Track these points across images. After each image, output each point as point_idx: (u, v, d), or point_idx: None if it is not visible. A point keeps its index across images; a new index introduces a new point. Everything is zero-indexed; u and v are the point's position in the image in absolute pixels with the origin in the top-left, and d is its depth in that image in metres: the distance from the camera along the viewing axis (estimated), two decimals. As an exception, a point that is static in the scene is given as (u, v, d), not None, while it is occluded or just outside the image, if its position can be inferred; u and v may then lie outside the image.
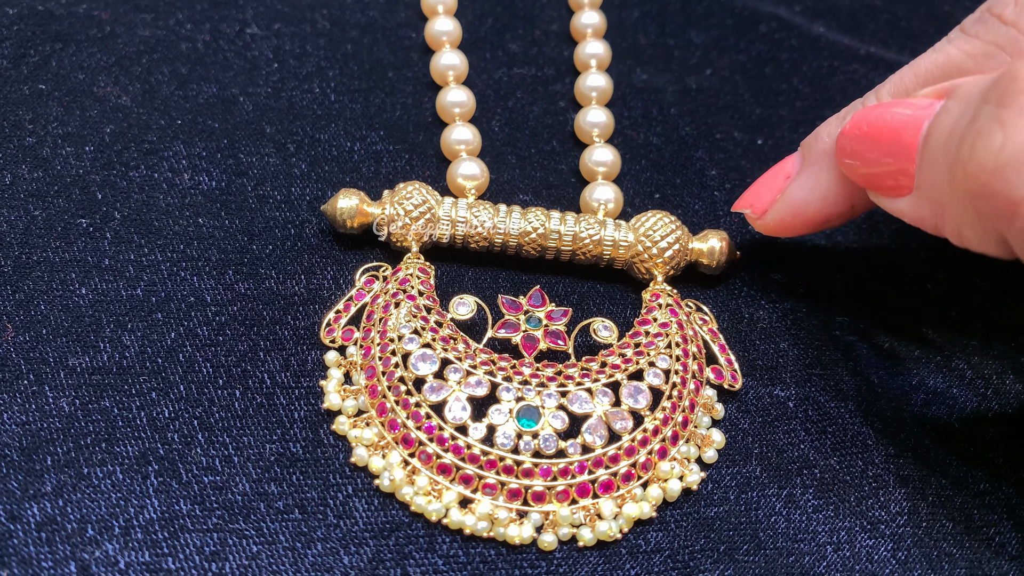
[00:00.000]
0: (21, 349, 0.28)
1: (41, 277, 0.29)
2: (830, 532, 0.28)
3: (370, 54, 0.36)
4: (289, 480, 0.27)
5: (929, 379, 0.31)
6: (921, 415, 0.30)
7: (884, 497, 0.29)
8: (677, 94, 0.37)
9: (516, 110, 0.36)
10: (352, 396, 0.28)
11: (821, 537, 0.28)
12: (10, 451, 0.26)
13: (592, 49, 0.37)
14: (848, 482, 0.29)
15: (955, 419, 0.30)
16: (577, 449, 0.27)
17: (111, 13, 0.35)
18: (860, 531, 0.28)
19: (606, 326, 0.30)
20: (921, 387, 0.31)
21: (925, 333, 0.32)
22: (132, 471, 0.26)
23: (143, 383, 0.28)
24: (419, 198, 0.31)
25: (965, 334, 0.32)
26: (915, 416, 0.30)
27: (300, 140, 0.33)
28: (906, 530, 0.28)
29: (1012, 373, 0.31)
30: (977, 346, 0.32)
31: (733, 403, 0.30)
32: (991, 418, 0.31)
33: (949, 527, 0.28)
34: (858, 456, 0.29)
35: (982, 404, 0.31)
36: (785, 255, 0.33)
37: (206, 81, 0.34)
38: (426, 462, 0.27)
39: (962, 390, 0.31)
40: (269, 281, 0.30)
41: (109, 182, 0.31)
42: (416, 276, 0.30)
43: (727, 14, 0.40)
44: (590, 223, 0.31)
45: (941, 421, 0.30)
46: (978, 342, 0.32)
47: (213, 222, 0.31)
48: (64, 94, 0.33)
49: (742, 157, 0.36)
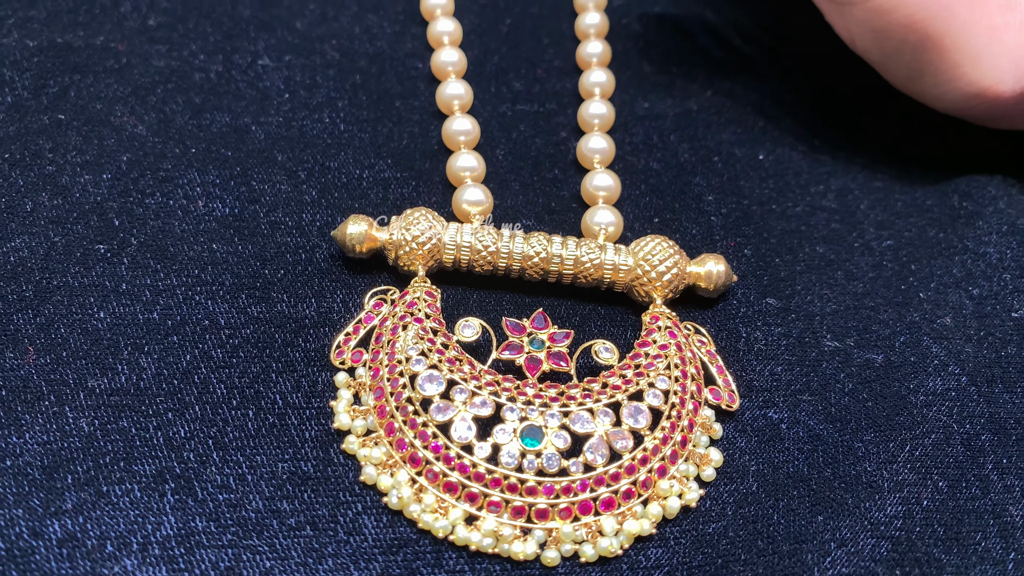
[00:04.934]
0: (42, 371, 0.29)
1: (61, 301, 0.30)
2: (832, 531, 0.29)
3: (378, 84, 0.37)
4: (301, 498, 0.28)
5: (922, 387, 0.32)
6: (913, 423, 0.31)
7: (880, 500, 0.30)
8: (678, 118, 0.38)
9: (519, 141, 0.37)
10: (361, 416, 0.29)
11: (824, 535, 0.29)
12: (32, 470, 0.27)
13: (596, 78, 0.38)
14: (844, 488, 0.30)
15: (947, 427, 0.31)
16: (579, 468, 0.28)
17: (127, 45, 0.36)
18: (862, 530, 0.29)
19: (607, 348, 0.31)
20: (915, 393, 0.32)
21: (919, 343, 0.33)
22: (149, 489, 0.27)
23: (160, 404, 0.29)
24: (425, 223, 0.32)
25: (959, 341, 0.33)
26: (907, 424, 0.31)
27: (311, 168, 0.34)
28: (902, 533, 0.29)
29: (1002, 383, 0.32)
30: (971, 353, 0.33)
31: (730, 423, 0.31)
32: (982, 425, 0.32)
33: (940, 532, 0.29)
34: (851, 467, 0.30)
35: (974, 411, 0.32)
36: (779, 279, 0.34)
37: (219, 111, 0.35)
38: (433, 480, 0.28)
39: (954, 398, 0.32)
40: (281, 305, 0.31)
41: (126, 209, 0.32)
42: (423, 299, 0.31)
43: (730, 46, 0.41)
44: (591, 247, 0.32)
45: (933, 429, 0.31)
46: (972, 349, 0.33)
47: (227, 247, 0.32)
48: (82, 123, 0.34)
49: (741, 176, 0.37)
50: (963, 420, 0.31)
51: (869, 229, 0.36)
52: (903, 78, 0.35)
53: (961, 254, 0.35)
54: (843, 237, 0.36)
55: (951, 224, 0.36)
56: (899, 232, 0.36)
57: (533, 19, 0.41)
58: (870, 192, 0.38)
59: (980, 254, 0.35)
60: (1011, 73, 0.33)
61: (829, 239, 0.36)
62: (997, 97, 0.33)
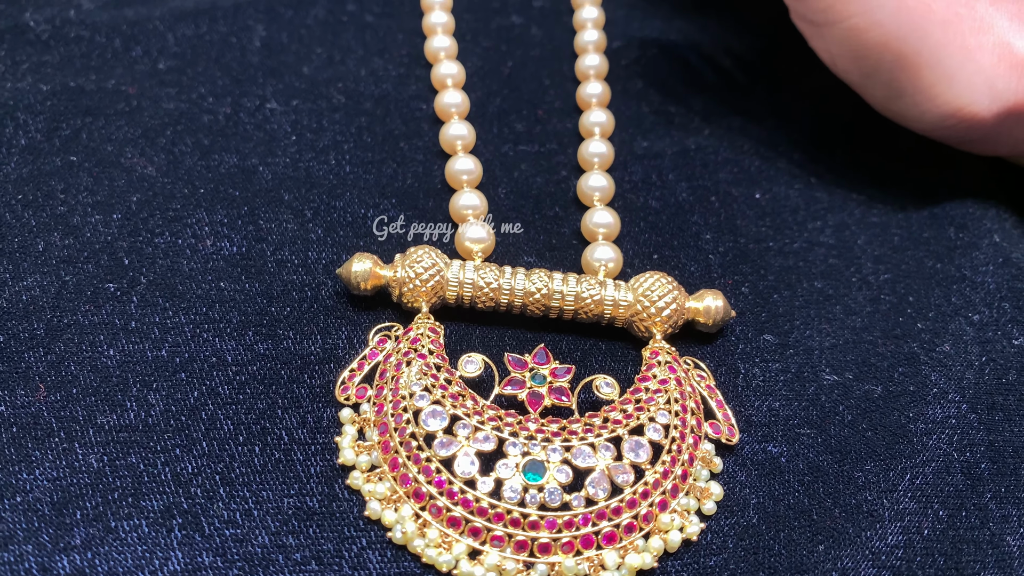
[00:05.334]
0: (53, 408, 0.29)
1: (71, 339, 0.31)
2: (833, 560, 0.29)
3: (383, 125, 0.38)
4: (306, 532, 0.28)
5: (922, 416, 0.32)
6: (913, 451, 0.32)
7: (881, 529, 0.30)
8: (676, 157, 0.39)
9: (521, 179, 0.38)
10: (366, 452, 0.30)
11: (825, 565, 0.29)
12: (42, 505, 0.27)
13: (596, 118, 0.39)
14: (845, 517, 0.30)
15: (947, 455, 0.32)
16: (581, 502, 0.29)
17: (138, 88, 0.37)
18: (863, 560, 0.29)
19: (608, 383, 0.31)
20: (915, 422, 0.32)
21: (918, 372, 0.33)
22: (157, 524, 0.27)
23: (167, 440, 0.29)
24: (429, 261, 0.33)
25: (959, 368, 0.33)
26: (907, 453, 0.32)
27: (317, 207, 0.35)
28: (902, 563, 0.29)
29: (1002, 410, 0.33)
30: (972, 380, 0.33)
31: (730, 457, 0.31)
32: (982, 453, 0.32)
33: (940, 562, 0.30)
34: (852, 496, 0.31)
35: (974, 438, 0.32)
36: (778, 314, 0.35)
37: (227, 152, 0.36)
38: (436, 515, 0.28)
39: (954, 426, 0.32)
40: (287, 341, 0.32)
41: (135, 248, 0.33)
42: (426, 336, 0.32)
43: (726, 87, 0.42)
44: (591, 283, 0.33)
45: (933, 457, 0.32)
46: (973, 375, 0.33)
47: (234, 285, 0.33)
48: (94, 165, 0.35)
49: (738, 215, 0.38)
50: (963, 448, 0.32)
51: (867, 264, 0.37)
52: (882, 99, 0.36)
53: (959, 283, 0.36)
54: (841, 272, 0.37)
55: (948, 255, 0.37)
56: (896, 265, 0.37)
57: (534, 61, 0.42)
58: (867, 227, 0.38)
59: (978, 283, 0.36)
60: (986, 94, 0.34)
61: (827, 274, 0.36)
62: (973, 117, 0.34)
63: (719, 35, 0.44)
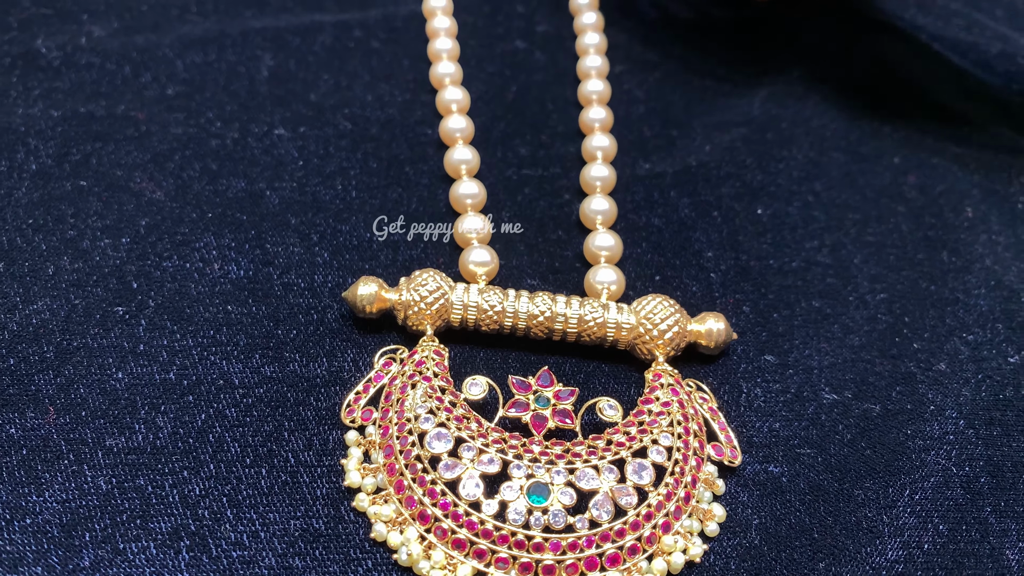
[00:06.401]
0: (62, 430, 0.29)
1: (81, 362, 0.31)
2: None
3: (389, 150, 0.39)
4: (312, 555, 0.28)
5: (920, 433, 0.33)
6: (912, 467, 0.32)
7: (881, 545, 0.30)
8: (677, 175, 0.40)
9: (524, 203, 0.38)
10: (371, 474, 0.30)
11: None
12: (51, 527, 0.28)
13: (598, 142, 0.40)
14: (845, 534, 0.30)
15: (946, 469, 0.32)
16: (585, 524, 0.29)
17: (147, 113, 0.38)
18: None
19: (611, 405, 0.32)
20: (913, 439, 0.32)
21: (915, 391, 0.34)
22: (165, 546, 0.28)
23: (175, 462, 0.29)
24: (433, 284, 0.33)
25: (955, 386, 0.34)
26: (906, 469, 0.32)
27: (323, 231, 0.36)
28: None
29: (1000, 425, 0.33)
30: (968, 397, 0.33)
31: (733, 478, 0.32)
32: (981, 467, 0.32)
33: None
34: (851, 513, 0.31)
35: (972, 453, 0.32)
36: (778, 334, 0.35)
37: (235, 176, 0.37)
38: (442, 537, 0.29)
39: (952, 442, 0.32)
40: (293, 364, 0.32)
41: (144, 272, 0.33)
42: (431, 358, 0.32)
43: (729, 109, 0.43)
44: (594, 306, 0.33)
45: (932, 472, 0.32)
46: (969, 392, 0.34)
47: (241, 309, 0.33)
48: (103, 189, 0.35)
49: (740, 231, 0.38)
50: (962, 463, 0.32)
51: (863, 283, 0.37)
52: None
53: (952, 304, 0.36)
54: (838, 291, 0.37)
55: (942, 277, 0.37)
56: (892, 285, 0.37)
57: (538, 87, 0.42)
58: (863, 247, 0.39)
59: (971, 305, 0.36)
60: None
61: (825, 294, 0.37)
62: None
63: (717, 57, 0.45)
